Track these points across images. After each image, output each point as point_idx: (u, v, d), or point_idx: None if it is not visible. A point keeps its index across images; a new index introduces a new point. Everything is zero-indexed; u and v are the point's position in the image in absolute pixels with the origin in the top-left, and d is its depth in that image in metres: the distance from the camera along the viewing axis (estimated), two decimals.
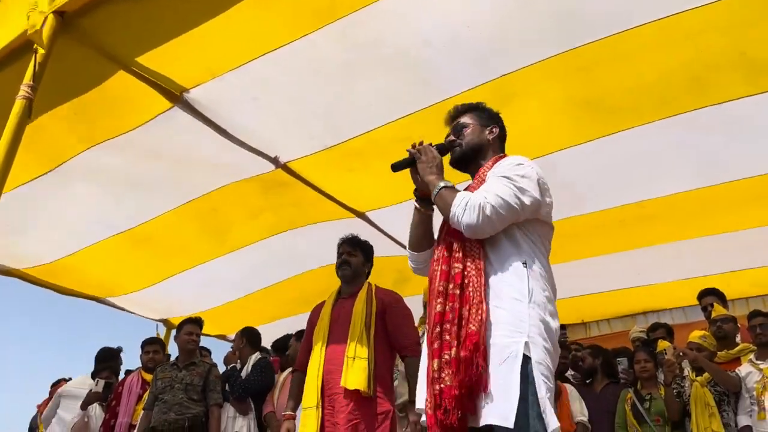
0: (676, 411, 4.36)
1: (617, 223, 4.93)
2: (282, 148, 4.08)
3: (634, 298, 6.30)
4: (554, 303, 2.19)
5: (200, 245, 5.09)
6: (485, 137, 2.50)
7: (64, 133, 3.63)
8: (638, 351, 4.88)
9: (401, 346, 3.47)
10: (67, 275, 5.22)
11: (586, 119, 3.91)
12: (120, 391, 5.30)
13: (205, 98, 3.60)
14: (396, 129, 3.83)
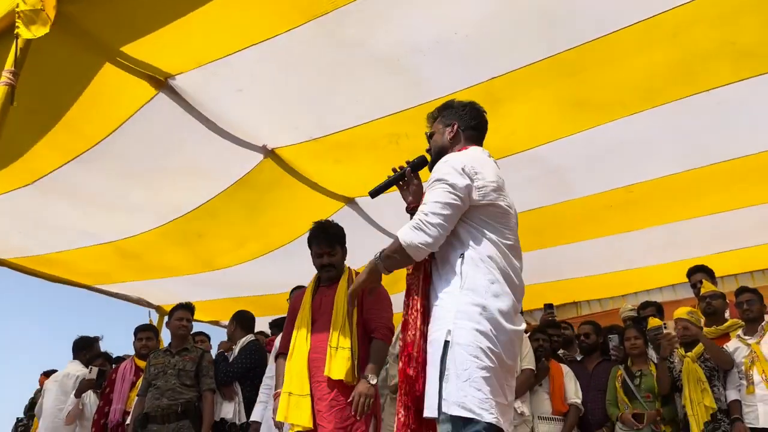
0: (667, 385, 4.40)
1: (605, 208, 4.99)
2: (268, 138, 4.07)
3: (624, 279, 6.37)
4: (506, 283, 2.25)
5: (187, 266, 5.12)
6: (445, 139, 2.61)
7: (44, 146, 3.60)
8: (629, 328, 4.92)
9: (371, 328, 3.43)
10: (56, 266, 5.22)
11: (574, 116, 3.96)
12: (113, 378, 5.33)
13: (190, 86, 3.58)
14: (383, 125, 3.84)
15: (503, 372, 2.16)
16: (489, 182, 2.34)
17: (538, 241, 5.56)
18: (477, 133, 2.64)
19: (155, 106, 3.55)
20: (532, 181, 4.54)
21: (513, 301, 2.24)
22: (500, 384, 2.14)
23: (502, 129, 3.97)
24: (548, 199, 4.82)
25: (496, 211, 2.35)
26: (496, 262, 2.25)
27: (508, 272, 2.28)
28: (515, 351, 2.25)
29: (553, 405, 4.85)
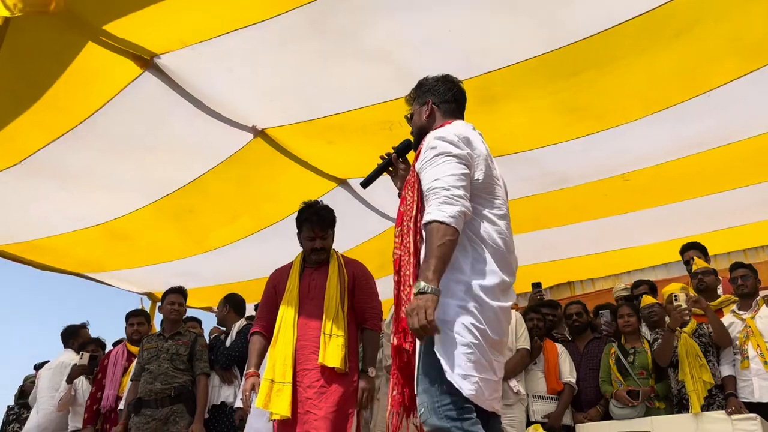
0: (668, 357, 4.37)
1: (600, 196, 5.01)
2: (258, 119, 4.02)
3: (617, 259, 6.38)
4: (493, 260, 2.19)
5: (179, 244, 5.06)
6: (423, 119, 2.53)
7: (28, 124, 3.53)
8: (622, 306, 4.91)
9: (363, 318, 3.43)
10: (45, 253, 5.15)
11: (573, 123, 3.97)
12: (105, 363, 5.30)
13: (177, 65, 3.52)
14: (375, 112, 3.80)
15: (489, 347, 2.13)
16: (480, 153, 2.29)
17: (532, 223, 5.54)
18: (455, 105, 2.55)
19: (141, 85, 3.48)
20: (526, 180, 4.56)
21: (501, 278, 2.19)
22: (486, 359, 2.12)
23: (498, 127, 3.94)
24: (543, 189, 4.84)
25: (487, 182, 2.28)
26: (484, 239, 2.21)
27: (498, 246, 2.22)
28: (502, 327, 2.21)
29: (547, 384, 4.85)
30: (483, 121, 3.86)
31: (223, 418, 4.88)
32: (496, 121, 3.85)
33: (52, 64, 3.21)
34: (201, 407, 4.65)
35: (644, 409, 4.38)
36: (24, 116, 3.40)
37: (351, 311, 3.39)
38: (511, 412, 4.50)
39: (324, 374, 3.21)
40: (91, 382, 5.32)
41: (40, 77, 3.28)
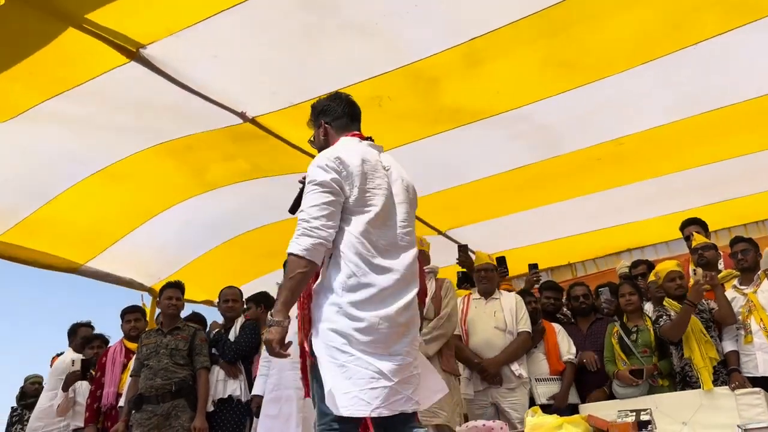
0: (681, 332, 4.32)
1: (594, 161, 4.93)
2: (247, 105, 3.98)
3: (617, 236, 6.32)
4: (370, 271, 2.34)
5: (177, 180, 4.92)
6: (320, 139, 2.69)
7: (20, 90, 3.50)
8: (623, 284, 4.88)
9: None
10: (44, 234, 5.06)
11: (561, 77, 3.90)
12: (104, 361, 5.29)
13: (164, 55, 3.48)
14: (364, 89, 3.73)
15: (374, 358, 2.27)
16: (352, 170, 2.39)
17: (526, 200, 5.51)
18: (347, 119, 2.68)
19: (127, 71, 3.46)
20: (518, 138, 4.49)
21: (377, 288, 2.32)
22: (373, 370, 2.25)
23: (487, 89, 3.91)
24: (535, 156, 4.78)
25: (361, 196, 2.39)
26: (355, 254, 2.34)
27: (370, 258, 2.35)
28: (387, 333, 2.31)
29: (549, 365, 4.84)
30: (472, 85, 3.88)
31: (230, 411, 4.87)
32: (484, 82, 3.83)
33: (36, 45, 3.19)
34: (202, 401, 4.64)
35: (647, 387, 4.35)
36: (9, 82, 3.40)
37: None
38: (513, 396, 4.51)
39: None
40: (90, 381, 5.31)
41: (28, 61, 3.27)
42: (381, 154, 2.62)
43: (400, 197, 2.53)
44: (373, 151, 2.56)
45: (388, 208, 2.45)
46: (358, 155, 2.44)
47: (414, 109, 4.10)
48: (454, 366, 4.28)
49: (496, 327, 4.67)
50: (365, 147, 2.55)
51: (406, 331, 2.39)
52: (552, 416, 2.82)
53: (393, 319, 2.33)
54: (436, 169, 4.98)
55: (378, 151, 2.61)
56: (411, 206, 2.58)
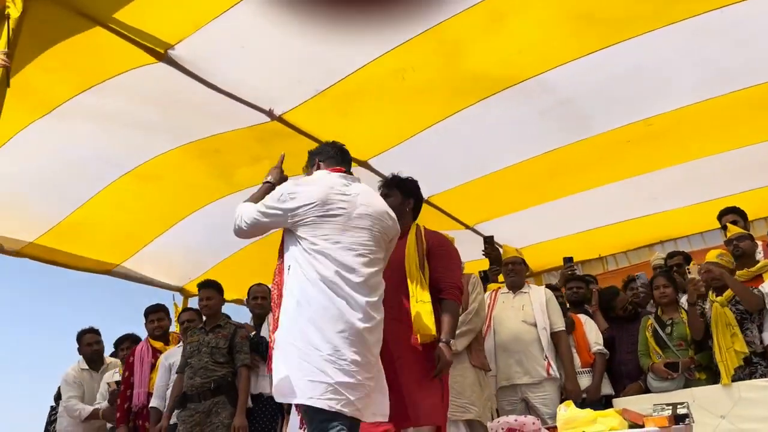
0: (699, 330, 4.27)
1: (624, 144, 4.81)
2: (274, 98, 3.99)
3: (650, 227, 6.19)
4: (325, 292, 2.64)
5: (206, 182, 4.99)
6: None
7: (52, 83, 3.56)
8: (657, 276, 4.79)
9: (438, 288, 3.26)
10: (78, 237, 5.16)
11: (583, 33, 3.78)
12: (131, 361, 5.35)
13: (191, 53, 3.53)
14: (387, 61, 3.74)
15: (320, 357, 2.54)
16: (304, 203, 2.73)
17: (553, 190, 5.43)
18: (336, 159, 3.05)
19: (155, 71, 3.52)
20: (544, 114, 4.40)
21: (327, 298, 2.62)
22: (315, 366, 2.52)
23: (508, 48, 3.84)
24: (563, 138, 4.68)
25: (320, 220, 2.72)
26: (313, 267, 2.67)
27: (325, 274, 2.65)
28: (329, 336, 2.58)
29: (580, 357, 4.78)
30: (494, 46, 3.82)
31: (263, 408, 4.91)
32: (506, 41, 3.77)
33: (66, 35, 3.25)
34: (243, 398, 4.64)
35: (684, 381, 4.28)
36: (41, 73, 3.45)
37: (431, 284, 3.27)
38: (543, 391, 4.43)
39: (408, 343, 3.15)
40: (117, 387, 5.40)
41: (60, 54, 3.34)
42: (353, 184, 2.90)
43: (360, 223, 2.79)
44: (342, 181, 2.86)
45: (343, 232, 2.75)
46: (324, 188, 2.78)
47: (437, 78, 4.04)
48: (483, 361, 4.24)
49: (524, 321, 4.59)
50: (334, 178, 2.87)
51: (357, 341, 2.62)
52: (585, 410, 2.77)
53: (341, 328, 2.60)
54: (460, 158, 4.95)
55: (351, 181, 2.91)
56: (374, 232, 2.82)
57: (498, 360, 4.59)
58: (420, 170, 4.95)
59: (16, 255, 5.08)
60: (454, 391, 3.93)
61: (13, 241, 4.98)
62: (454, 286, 3.28)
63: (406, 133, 4.51)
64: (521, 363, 4.49)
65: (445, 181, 5.28)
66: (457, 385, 3.98)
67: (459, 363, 4.07)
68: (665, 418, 2.60)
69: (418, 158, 4.71)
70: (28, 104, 3.71)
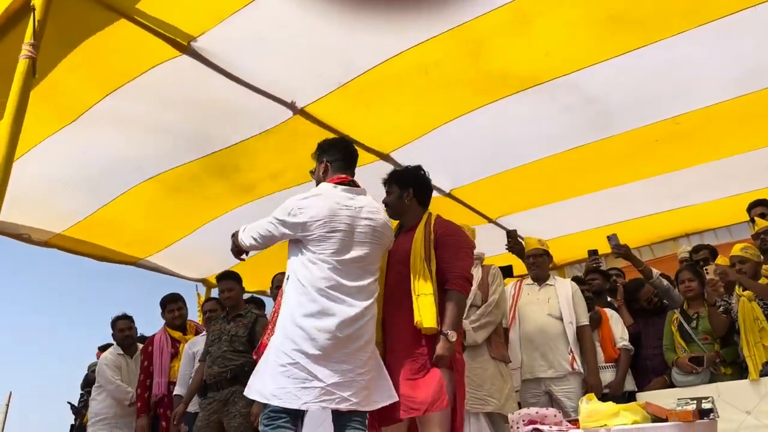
0: (721, 327, 4.23)
1: (651, 143, 4.73)
2: (296, 91, 3.99)
3: (675, 220, 6.09)
4: (318, 300, 2.88)
5: (227, 196, 5.07)
6: (319, 175, 3.32)
7: (79, 83, 3.60)
8: (682, 270, 4.73)
9: (444, 279, 3.22)
10: (103, 232, 5.25)
11: (611, 35, 3.71)
12: (150, 350, 5.42)
13: (214, 46, 3.53)
14: (410, 56, 3.71)
15: (312, 362, 2.80)
16: (312, 218, 2.95)
17: (579, 185, 5.37)
18: (343, 162, 3.25)
19: (177, 65, 3.54)
20: (569, 112, 4.34)
21: (321, 307, 2.86)
22: (308, 372, 2.78)
23: (535, 50, 3.80)
24: (588, 136, 4.61)
25: (322, 238, 2.95)
26: (309, 280, 2.91)
27: (322, 284, 2.90)
28: (321, 342, 2.82)
29: (604, 352, 4.74)
30: (520, 47, 3.78)
31: None
32: (533, 42, 3.72)
33: (91, 31, 3.28)
34: None
35: (709, 376, 4.23)
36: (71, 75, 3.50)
37: (439, 274, 3.25)
38: (566, 384, 4.40)
39: (406, 337, 3.15)
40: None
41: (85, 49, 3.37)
42: (358, 197, 3.09)
43: (361, 238, 3.02)
44: (347, 195, 3.07)
45: (345, 246, 2.97)
46: (329, 203, 3.00)
47: (461, 75, 4.00)
48: (503, 353, 4.22)
49: (550, 315, 4.55)
50: (339, 192, 3.08)
51: (349, 342, 2.86)
52: (607, 403, 2.74)
53: (333, 333, 2.82)
54: (483, 152, 4.91)
55: (356, 194, 3.11)
56: (374, 245, 3.07)
57: (522, 353, 4.56)
58: (442, 163, 4.98)
59: (43, 245, 5.17)
60: (474, 383, 3.95)
61: (40, 231, 5.07)
62: (460, 276, 3.23)
63: (429, 126, 4.48)
64: (546, 356, 4.46)
65: (468, 175, 5.25)
66: (477, 377, 3.99)
67: (479, 355, 4.08)
68: (689, 412, 2.57)
69: (440, 152, 4.69)
70: (57, 108, 3.78)
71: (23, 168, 3.80)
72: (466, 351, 4.06)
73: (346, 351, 2.85)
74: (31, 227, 4.99)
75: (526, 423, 2.90)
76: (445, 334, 3.08)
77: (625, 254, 5.00)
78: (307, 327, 2.83)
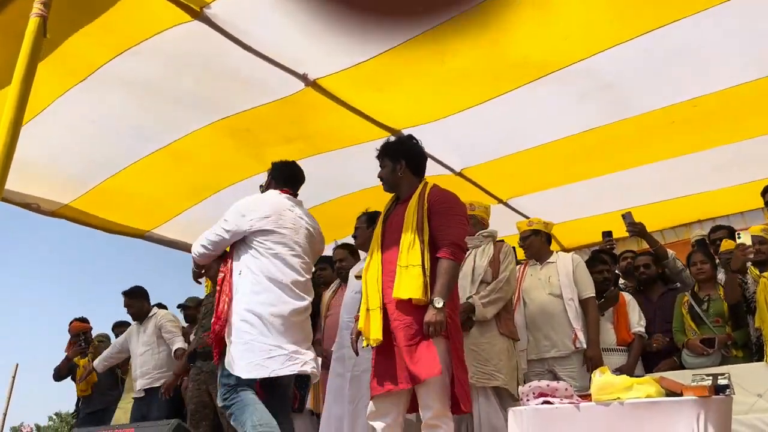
0: (735, 296, 4.15)
1: (667, 125, 4.64)
2: (309, 65, 3.93)
3: (688, 206, 6.03)
4: (271, 289, 3.37)
5: (237, 161, 5.02)
6: (266, 187, 3.86)
7: (89, 45, 3.55)
8: (694, 253, 4.68)
9: (437, 246, 3.20)
10: (110, 203, 5.24)
11: (628, 15, 3.62)
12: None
13: (227, 12, 3.48)
14: (426, 41, 3.63)
15: (271, 339, 3.29)
16: (262, 216, 3.46)
17: (592, 168, 5.30)
18: (288, 181, 3.78)
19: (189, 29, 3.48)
20: (585, 96, 4.27)
21: (277, 293, 3.37)
22: (270, 345, 3.27)
23: (554, 34, 3.73)
24: (603, 118, 4.53)
25: (267, 234, 3.45)
26: (262, 270, 3.39)
27: (274, 274, 3.39)
28: (276, 326, 3.31)
29: (617, 335, 4.69)
30: (539, 30, 3.70)
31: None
32: (551, 28, 3.65)
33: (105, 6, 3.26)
34: None
35: (720, 358, 4.18)
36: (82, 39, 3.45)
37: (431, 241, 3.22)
38: (569, 364, 4.37)
39: (406, 309, 3.13)
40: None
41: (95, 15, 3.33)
42: (297, 207, 3.66)
43: (301, 239, 3.54)
44: (289, 203, 3.63)
45: (291, 243, 3.48)
46: (272, 205, 3.53)
47: (477, 64, 3.93)
48: (512, 329, 4.20)
49: (551, 294, 4.52)
50: (283, 199, 3.62)
51: (296, 328, 3.40)
52: (621, 377, 2.69)
53: (286, 318, 3.33)
54: (496, 134, 4.85)
55: (295, 204, 3.67)
56: (310, 247, 3.60)
57: (527, 333, 4.54)
58: (454, 143, 4.93)
59: (52, 215, 5.15)
60: (481, 358, 3.96)
61: (48, 202, 5.05)
62: (452, 243, 3.19)
63: (442, 114, 4.44)
64: (549, 336, 4.44)
65: (479, 155, 5.18)
66: (484, 352, 3.99)
67: (487, 331, 4.07)
68: (705, 387, 2.52)
69: (452, 132, 4.64)
70: (65, 69, 3.71)
71: (31, 132, 3.76)
72: (475, 326, 4.04)
73: (294, 332, 3.37)
74: (40, 197, 4.97)
75: (536, 395, 2.86)
76: (432, 302, 3.05)
77: (640, 232, 4.95)
78: (263, 313, 3.29)
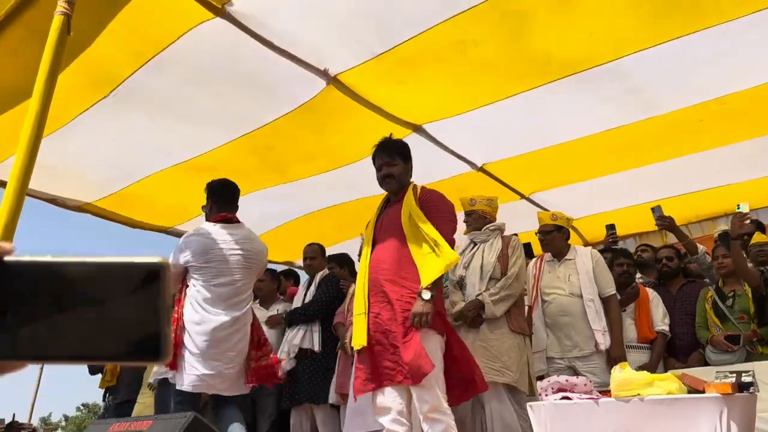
0: (743, 268, 4.11)
1: (694, 123, 4.58)
2: (329, 58, 3.93)
3: (714, 200, 5.95)
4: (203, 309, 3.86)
5: (259, 175, 5.11)
6: (207, 213, 4.24)
7: (112, 49, 3.57)
8: (718, 247, 4.62)
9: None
10: (135, 204, 5.35)
11: (659, 20, 3.58)
12: None
13: (248, 8, 3.50)
14: (447, 31, 3.61)
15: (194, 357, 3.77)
16: (192, 252, 3.89)
17: (616, 163, 5.25)
18: (225, 202, 4.13)
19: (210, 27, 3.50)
20: (611, 98, 4.23)
21: (201, 316, 3.83)
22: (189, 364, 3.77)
23: (578, 29, 3.69)
24: (629, 117, 4.48)
25: (201, 267, 3.89)
26: (196, 298, 3.86)
27: (202, 302, 3.85)
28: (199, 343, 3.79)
29: (638, 332, 4.64)
30: (563, 24, 3.65)
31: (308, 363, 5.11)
32: (577, 20, 3.58)
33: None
34: None
35: (745, 355, 4.13)
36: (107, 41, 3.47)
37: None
38: (591, 361, 4.32)
39: (395, 304, 3.24)
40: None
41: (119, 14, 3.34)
42: (236, 231, 4.02)
43: (234, 264, 3.93)
44: (225, 231, 3.98)
45: (219, 272, 3.89)
46: (203, 242, 3.91)
47: (501, 56, 3.89)
48: (523, 325, 4.19)
49: (571, 293, 4.44)
50: (218, 230, 3.98)
51: (219, 344, 3.81)
52: (642, 372, 2.68)
53: (208, 336, 3.78)
54: (520, 129, 4.82)
55: (233, 229, 4.02)
56: (245, 269, 3.98)
57: (547, 331, 4.49)
58: (475, 139, 4.91)
59: (77, 210, 5.26)
60: (491, 354, 3.99)
61: (73, 200, 5.17)
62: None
63: (463, 108, 4.42)
64: (570, 337, 4.39)
65: (501, 151, 5.16)
66: (494, 349, 4.00)
67: (497, 327, 4.07)
68: (728, 384, 2.49)
69: (474, 127, 4.62)
70: (91, 80, 3.78)
71: (55, 144, 3.93)
72: (485, 323, 4.06)
73: (216, 351, 3.77)
74: (64, 197, 5.09)
75: (555, 390, 2.86)
76: (420, 294, 3.14)
77: (670, 226, 4.89)
78: (192, 331, 3.77)
